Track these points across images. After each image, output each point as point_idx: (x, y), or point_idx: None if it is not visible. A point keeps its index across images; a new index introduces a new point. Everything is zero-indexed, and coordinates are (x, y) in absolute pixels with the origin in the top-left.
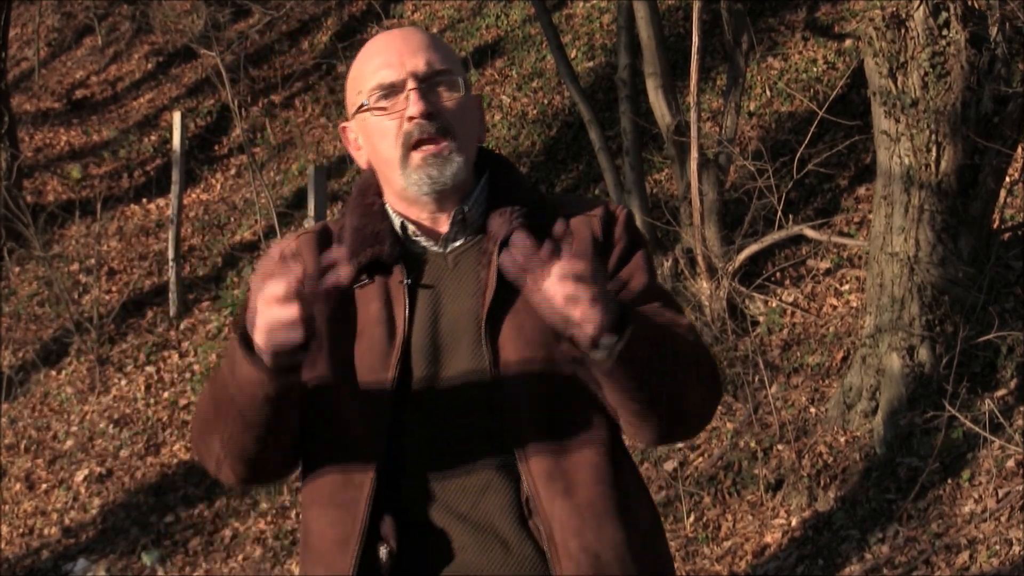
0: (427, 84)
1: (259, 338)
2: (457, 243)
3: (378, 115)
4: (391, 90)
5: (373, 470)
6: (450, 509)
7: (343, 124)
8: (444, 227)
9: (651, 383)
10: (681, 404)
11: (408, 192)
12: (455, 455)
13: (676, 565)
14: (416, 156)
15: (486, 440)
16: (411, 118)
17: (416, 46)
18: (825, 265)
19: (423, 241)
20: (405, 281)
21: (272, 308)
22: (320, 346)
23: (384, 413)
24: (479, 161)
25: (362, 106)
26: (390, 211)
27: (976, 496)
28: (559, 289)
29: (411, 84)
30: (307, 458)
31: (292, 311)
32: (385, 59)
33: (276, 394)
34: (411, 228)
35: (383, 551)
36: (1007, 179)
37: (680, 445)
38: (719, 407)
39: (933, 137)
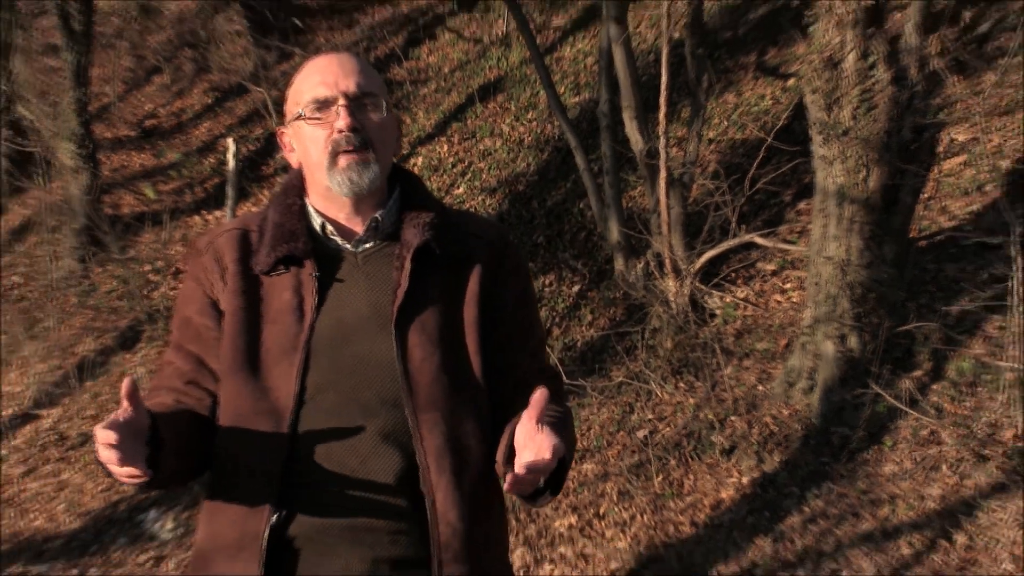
0: (355, 103)
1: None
2: (368, 245)
3: (312, 124)
4: (324, 104)
5: (285, 440)
6: (342, 464)
7: (280, 129)
8: (359, 228)
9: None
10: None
11: (331, 192)
12: (353, 423)
13: (647, 517)
14: (342, 160)
15: (382, 414)
16: (339, 130)
17: (349, 70)
18: (772, 267)
19: (338, 240)
20: (315, 274)
21: (110, 463)
22: (234, 334)
23: (293, 390)
24: (392, 175)
25: (299, 115)
26: (311, 210)
27: (896, 459)
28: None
29: (342, 101)
30: (221, 431)
31: (121, 465)
32: (322, 78)
33: (148, 483)
34: (329, 228)
35: (276, 517)
36: (923, 196)
37: (650, 416)
38: (682, 385)
39: (862, 161)
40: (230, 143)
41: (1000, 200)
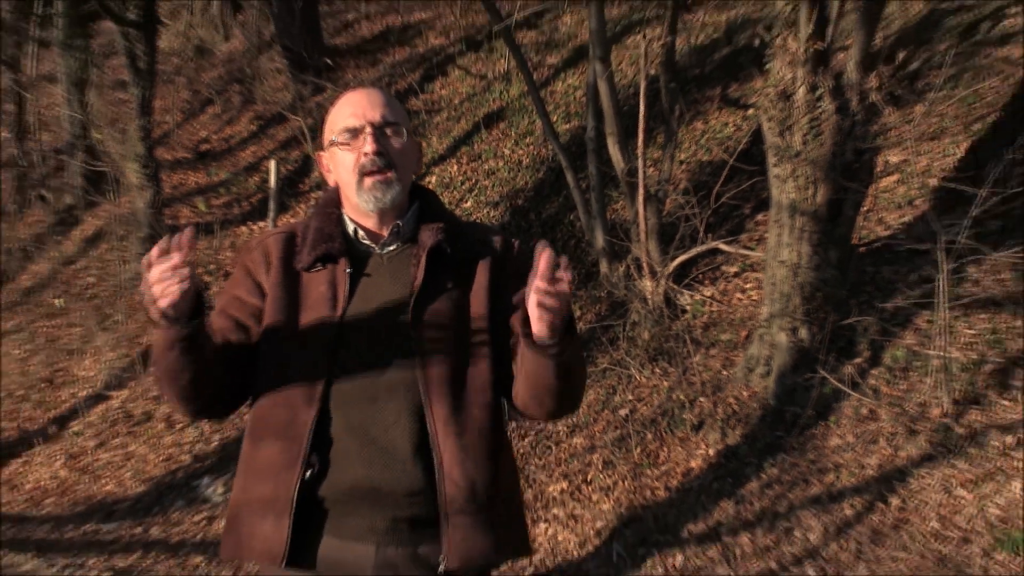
0: (380, 131)
1: (154, 308)
2: (392, 247)
3: (343, 149)
4: (354, 133)
5: (316, 411)
6: (366, 434)
7: (319, 153)
8: (384, 233)
9: (567, 378)
10: (567, 401)
11: (360, 207)
12: (376, 398)
13: (627, 483)
14: (368, 181)
15: (401, 390)
16: (366, 154)
17: (375, 102)
18: (734, 270)
19: (368, 243)
20: (347, 270)
21: (159, 284)
22: (274, 319)
23: (324, 368)
24: (412, 191)
25: (333, 141)
26: (346, 219)
27: (840, 434)
28: (541, 297)
29: (368, 129)
30: (258, 400)
31: (172, 283)
32: (353, 110)
33: (188, 343)
34: (360, 233)
35: (308, 473)
36: (863, 209)
37: (630, 397)
38: (658, 371)
39: (811, 179)
40: (272, 164)
41: (928, 212)
